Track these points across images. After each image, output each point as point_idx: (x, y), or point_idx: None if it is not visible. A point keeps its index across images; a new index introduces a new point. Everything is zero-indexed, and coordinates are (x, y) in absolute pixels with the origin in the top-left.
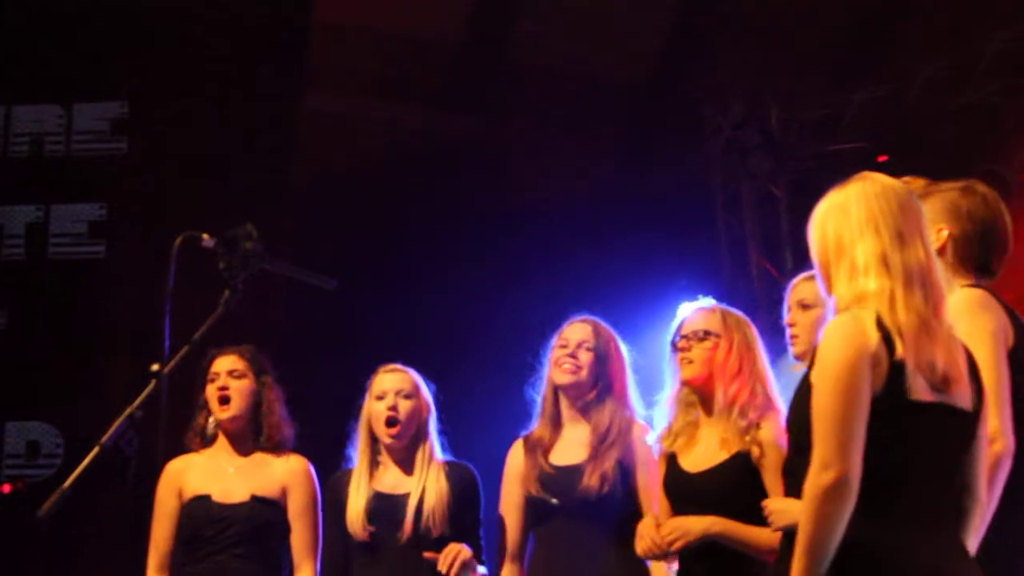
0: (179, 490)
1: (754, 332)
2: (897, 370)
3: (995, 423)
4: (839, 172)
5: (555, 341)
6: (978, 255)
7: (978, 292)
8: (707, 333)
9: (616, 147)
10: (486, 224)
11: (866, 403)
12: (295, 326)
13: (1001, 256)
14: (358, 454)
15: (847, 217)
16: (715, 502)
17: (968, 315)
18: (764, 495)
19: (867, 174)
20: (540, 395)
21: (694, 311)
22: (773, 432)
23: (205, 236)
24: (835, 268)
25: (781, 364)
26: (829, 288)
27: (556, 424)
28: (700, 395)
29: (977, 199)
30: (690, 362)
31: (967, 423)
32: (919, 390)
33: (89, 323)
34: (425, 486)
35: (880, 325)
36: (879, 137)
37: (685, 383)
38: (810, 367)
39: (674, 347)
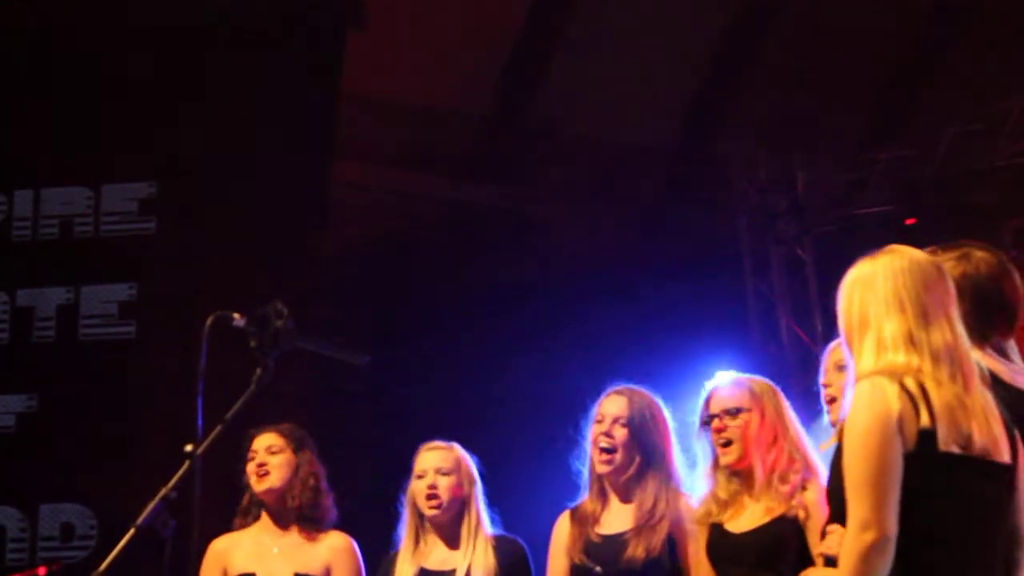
0: (224, 570)
1: (782, 398)
2: (927, 432)
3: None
4: (867, 235)
5: (594, 414)
6: (975, 328)
7: None
8: (739, 410)
9: (642, 213)
10: (516, 293)
11: (896, 463)
12: (333, 402)
13: (1005, 322)
14: (405, 531)
15: (873, 291)
16: (757, 561)
17: None
18: (807, 558)
19: (896, 248)
20: (586, 468)
21: (722, 387)
22: (818, 495)
23: (236, 315)
24: (860, 340)
25: (815, 428)
26: (854, 358)
27: (603, 496)
28: (740, 471)
29: (965, 271)
30: (727, 444)
31: (1006, 474)
32: (950, 446)
33: (121, 404)
34: (472, 561)
35: (906, 392)
36: (906, 199)
37: (728, 467)
38: (841, 437)
39: (705, 425)
